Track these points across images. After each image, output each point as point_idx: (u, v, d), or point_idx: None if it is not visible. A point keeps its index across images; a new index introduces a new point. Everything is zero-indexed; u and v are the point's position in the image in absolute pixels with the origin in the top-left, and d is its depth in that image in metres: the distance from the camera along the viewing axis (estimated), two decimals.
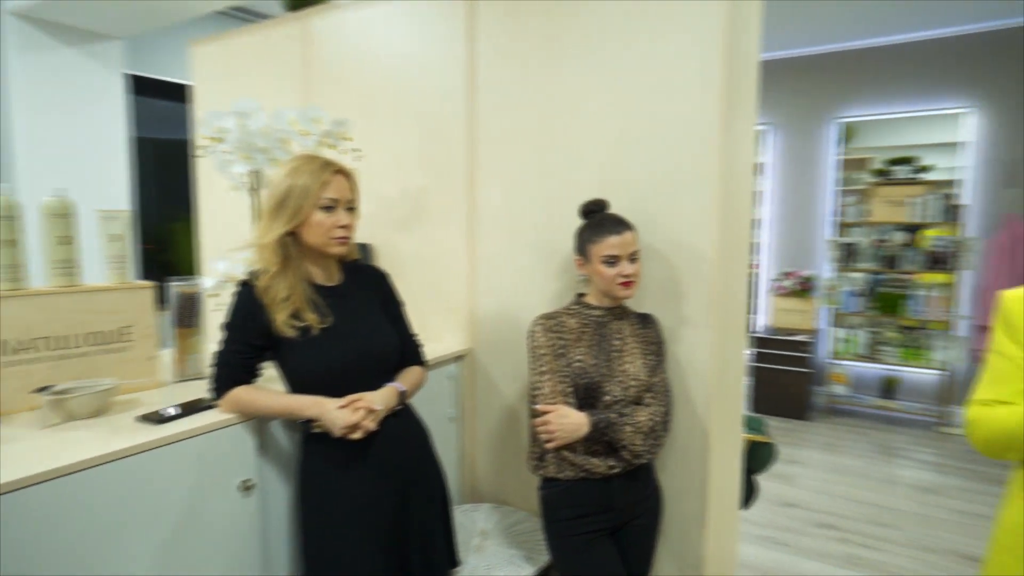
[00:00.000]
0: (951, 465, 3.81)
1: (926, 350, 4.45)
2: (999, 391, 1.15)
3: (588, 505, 1.49)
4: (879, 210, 4.50)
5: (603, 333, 1.54)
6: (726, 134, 1.58)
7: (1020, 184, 4.12)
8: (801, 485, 3.50)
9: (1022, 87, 4.10)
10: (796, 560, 2.72)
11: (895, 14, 3.94)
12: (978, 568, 2.66)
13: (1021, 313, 1.14)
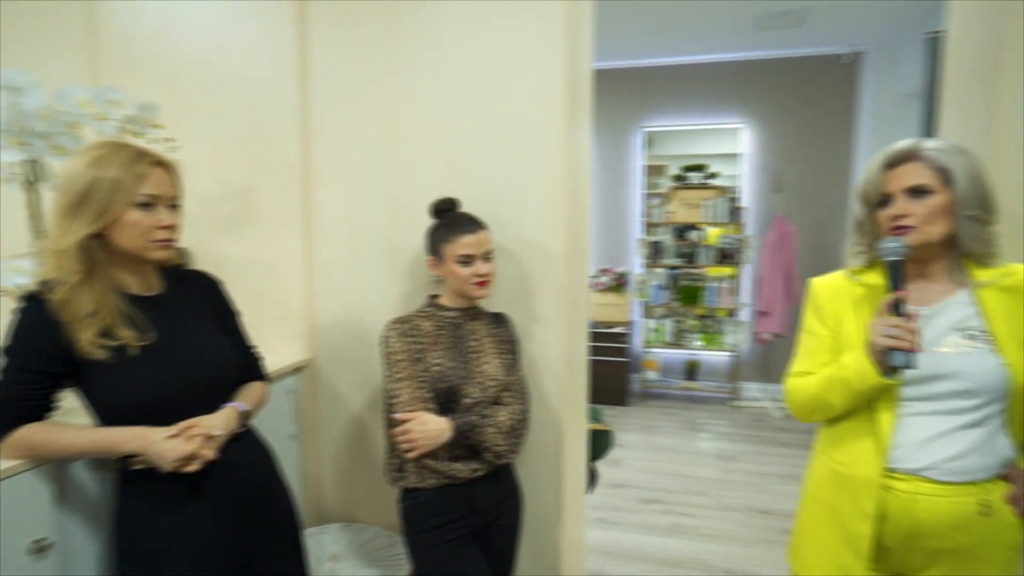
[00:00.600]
0: (742, 434, 4.39)
1: (719, 335, 5.08)
2: (809, 364, 1.33)
3: (452, 511, 1.46)
4: (679, 211, 5.05)
5: (459, 335, 1.52)
6: (569, 136, 1.65)
7: (784, 189, 4.88)
8: (627, 466, 3.79)
9: (782, 107, 4.86)
10: (628, 536, 2.93)
11: (687, 39, 4.44)
12: (770, 519, 3.09)
13: (827, 297, 1.34)
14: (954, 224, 1.17)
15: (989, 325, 1.16)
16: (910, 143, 1.21)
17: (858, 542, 1.22)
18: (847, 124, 4.77)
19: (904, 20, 4.06)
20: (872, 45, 4.57)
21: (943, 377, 1.16)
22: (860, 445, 1.23)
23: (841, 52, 4.67)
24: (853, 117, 4.75)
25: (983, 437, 1.16)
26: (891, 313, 1.15)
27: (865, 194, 1.27)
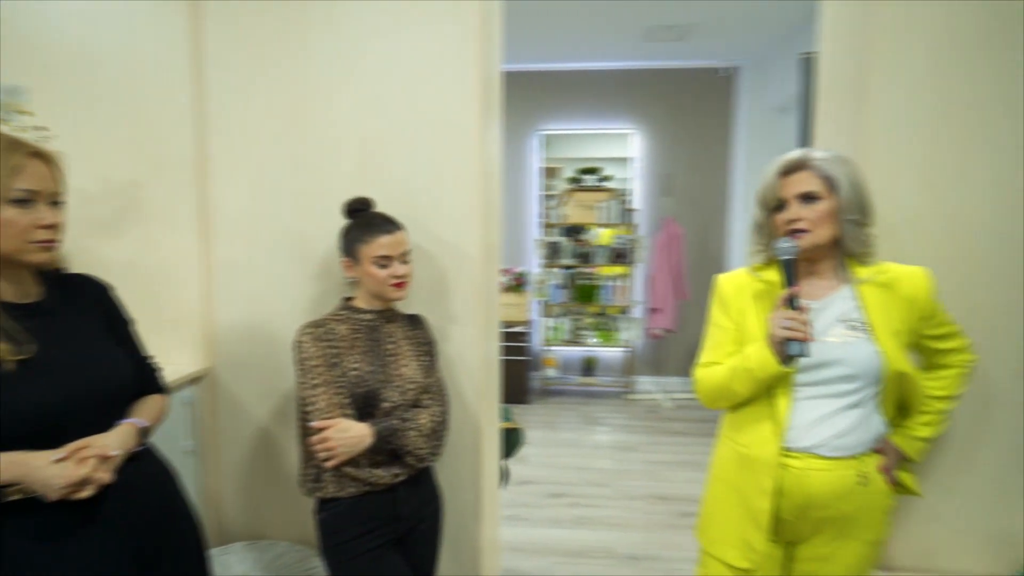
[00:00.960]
0: (637, 425, 4.61)
1: (614, 331, 5.30)
2: (716, 355, 1.43)
3: (374, 519, 1.43)
4: (575, 213, 5.21)
5: (376, 337, 1.49)
6: (483, 136, 1.66)
7: (672, 193, 5.18)
8: (531, 463, 3.86)
9: (669, 115, 5.16)
10: (537, 531, 2.99)
11: (581, 46, 4.60)
12: (668, 504, 3.27)
13: (731, 292, 1.44)
14: (839, 227, 1.30)
15: (867, 317, 1.30)
16: (801, 153, 1.33)
17: (759, 516, 1.32)
18: (726, 133, 5.14)
19: (774, 41, 4.45)
20: (746, 62, 4.97)
21: (830, 364, 1.29)
22: (760, 428, 1.34)
23: (720, 66, 5.03)
24: (731, 126, 5.13)
25: (861, 416, 1.30)
26: (787, 307, 1.26)
27: (763, 199, 1.37)
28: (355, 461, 1.38)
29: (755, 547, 1.33)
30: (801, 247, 1.30)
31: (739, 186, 5.09)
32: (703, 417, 4.75)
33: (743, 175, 5.06)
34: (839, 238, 1.31)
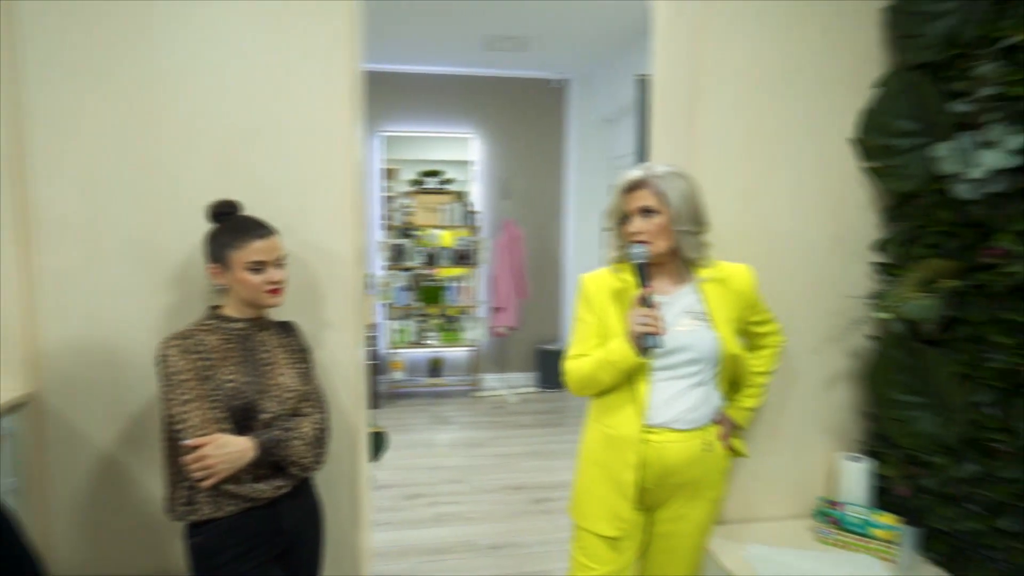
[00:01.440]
0: (485, 421, 4.77)
1: (460, 331, 5.42)
2: (583, 348, 1.57)
3: (256, 536, 1.37)
4: (419, 215, 5.24)
5: (249, 347, 1.42)
6: (353, 137, 1.65)
7: (512, 196, 5.42)
8: (386, 467, 3.83)
9: (507, 121, 5.39)
10: (399, 533, 3.00)
11: (423, 50, 4.64)
12: (523, 493, 3.45)
13: (594, 290, 1.59)
14: (674, 237, 1.49)
15: (707, 309, 1.53)
16: (641, 172, 1.50)
17: (625, 488, 1.49)
18: (559, 140, 5.50)
19: (600, 58, 4.85)
20: (577, 75, 5.35)
21: (679, 350, 1.49)
22: (624, 411, 1.51)
23: (553, 78, 5.36)
24: (563, 134, 5.50)
25: (705, 393, 1.53)
26: (642, 305, 1.43)
27: (612, 212, 1.55)
28: (236, 477, 1.31)
29: (623, 516, 1.50)
30: (649, 253, 1.48)
31: (572, 190, 5.48)
32: (546, 409, 5.05)
33: (574, 180, 5.45)
34: (675, 246, 1.50)
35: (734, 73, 1.82)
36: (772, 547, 1.79)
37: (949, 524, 1.70)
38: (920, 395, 1.78)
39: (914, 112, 1.76)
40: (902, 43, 1.80)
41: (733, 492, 1.94)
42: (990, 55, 1.53)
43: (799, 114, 1.86)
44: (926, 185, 1.71)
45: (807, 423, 1.98)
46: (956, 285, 1.63)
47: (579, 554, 1.58)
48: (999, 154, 1.45)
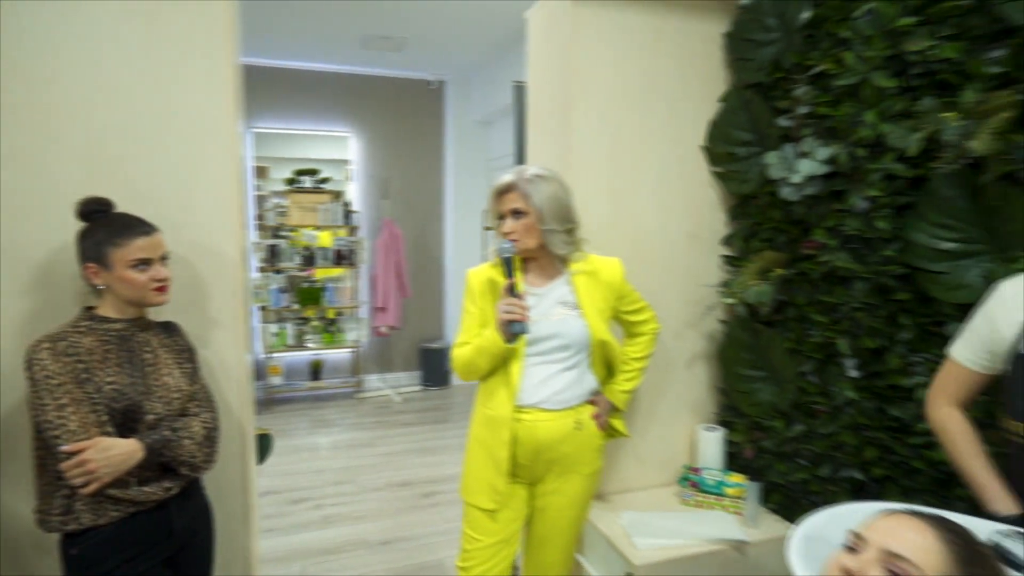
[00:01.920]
0: (370, 422, 4.74)
1: (341, 333, 5.33)
2: (466, 336, 1.68)
3: (143, 541, 1.33)
4: (295, 215, 5.09)
5: (130, 347, 1.38)
6: (235, 133, 1.64)
7: (391, 196, 5.42)
8: (268, 473, 3.71)
9: (385, 121, 5.38)
10: (288, 539, 2.94)
11: (298, 45, 4.52)
12: (411, 488, 3.50)
13: (476, 283, 1.70)
14: (542, 235, 1.63)
15: (578, 299, 1.68)
16: (511, 177, 1.62)
17: (501, 464, 1.62)
18: (438, 141, 5.57)
19: (476, 61, 4.99)
20: (452, 77, 5.46)
21: (551, 337, 1.64)
22: (499, 393, 1.64)
23: (430, 79, 5.42)
24: (442, 135, 5.58)
25: (576, 376, 1.68)
26: (508, 295, 1.55)
27: (490, 212, 1.67)
28: (122, 481, 1.28)
29: (499, 489, 1.63)
30: (517, 249, 1.61)
31: (451, 190, 5.57)
32: (431, 407, 5.11)
33: (454, 180, 5.55)
34: (544, 243, 1.64)
35: (602, 86, 2.01)
36: (643, 512, 2.00)
37: (783, 477, 1.99)
38: (760, 369, 2.07)
39: (749, 125, 2.04)
40: (739, 65, 2.08)
41: (612, 468, 2.14)
42: (804, 80, 1.83)
43: (659, 123, 2.09)
44: (760, 188, 2.00)
45: (674, 401, 2.22)
46: (785, 273, 1.92)
47: (466, 527, 1.70)
48: (813, 163, 1.74)
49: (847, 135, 1.70)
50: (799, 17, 1.83)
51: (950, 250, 1.52)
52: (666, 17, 2.05)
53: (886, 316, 1.67)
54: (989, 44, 1.44)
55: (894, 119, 1.59)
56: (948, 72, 1.50)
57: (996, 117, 1.34)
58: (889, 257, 1.64)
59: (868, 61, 1.63)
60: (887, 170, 1.61)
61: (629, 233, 2.08)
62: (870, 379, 1.72)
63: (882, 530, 0.84)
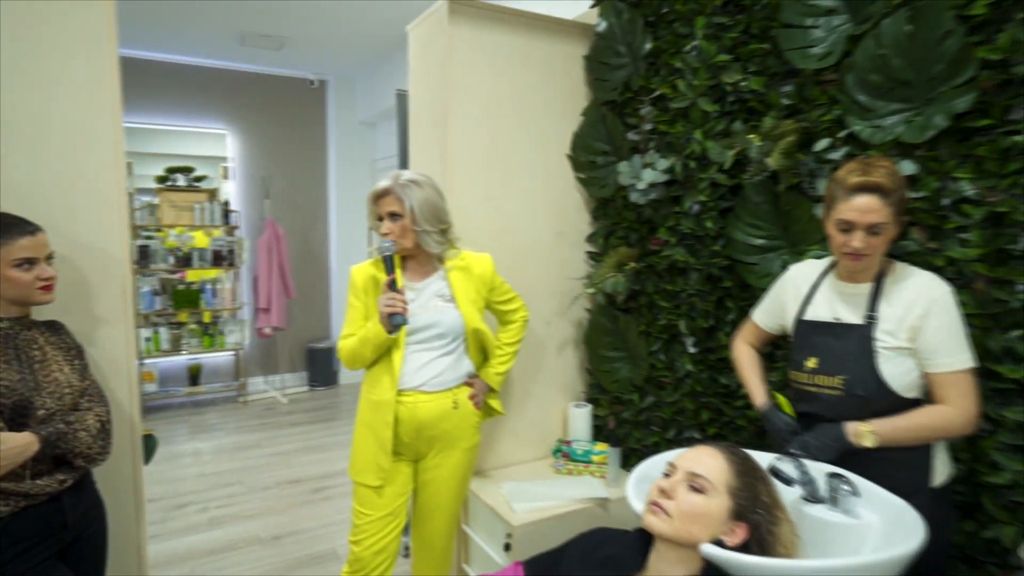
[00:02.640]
0: (255, 424, 4.68)
1: (221, 335, 5.17)
2: (351, 328, 1.83)
3: (36, 534, 1.36)
4: (168, 214, 4.88)
5: (16, 345, 1.40)
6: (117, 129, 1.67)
7: (273, 195, 5.33)
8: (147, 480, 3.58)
9: (266, 119, 5.29)
10: (172, 543, 2.90)
11: (171, 38, 4.35)
12: (301, 485, 3.53)
13: (359, 279, 1.84)
14: (416, 236, 1.80)
15: (453, 292, 1.87)
16: (388, 182, 1.78)
17: (384, 443, 1.78)
18: (321, 140, 5.55)
19: (357, 62, 5.05)
20: (334, 77, 5.46)
21: (429, 326, 1.81)
22: (383, 379, 1.80)
23: (311, 78, 5.40)
24: (325, 135, 5.57)
25: (453, 361, 1.86)
26: (389, 290, 1.72)
27: (370, 214, 1.83)
28: (15, 474, 1.30)
29: (384, 467, 1.79)
30: (396, 248, 1.77)
31: (335, 190, 5.57)
32: (319, 406, 5.11)
33: (338, 180, 5.56)
34: (419, 243, 1.81)
35: (477, 98, 2.21)
36: (521, 482, 2.23)
37: (639, 443, 2.31)
38: (619, 350, 2.37)
39: (606, 137, 2.33)
40: (596, 84, 2.37)
41: (491, 446, 2.35)
42: (648, 101, 2.14)
43: (529, 134, 2.33)
44: (616, 192, 2.30)
45: (546, 382, 2.48)
46: (636, 266, 2.23)
47: (356, 504, 1.84)
48: (654, 172, 2.05)
49: (681, 149, 2.03)
50: (643, 47, 2.14)
51: (760, 245, 1.87)
52: (534, 39, 2.29)
53: (715, 300, 2.01)
54: (783, 80, 1.80)
55: (715, 137, 1.92)
56: (754, 101, 1.85)
57: (785, 140, 1.69)
58: (716, 252, 1.97)
59: (696, 88, 1.95)
60: (712, 179, 1.94)
61: (503, 232, 2.31)
62: (704, 354, 2.06)
63: (687, 458, 1.10)
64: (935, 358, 1.30)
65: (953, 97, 1.42)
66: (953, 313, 1.31)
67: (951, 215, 1.46)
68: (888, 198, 1.29)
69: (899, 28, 1.49)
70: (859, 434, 1.30)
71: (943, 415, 1.29)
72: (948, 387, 1.29)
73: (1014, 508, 1.38)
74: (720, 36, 1.91)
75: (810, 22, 1.70)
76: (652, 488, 1.11)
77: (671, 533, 1.03)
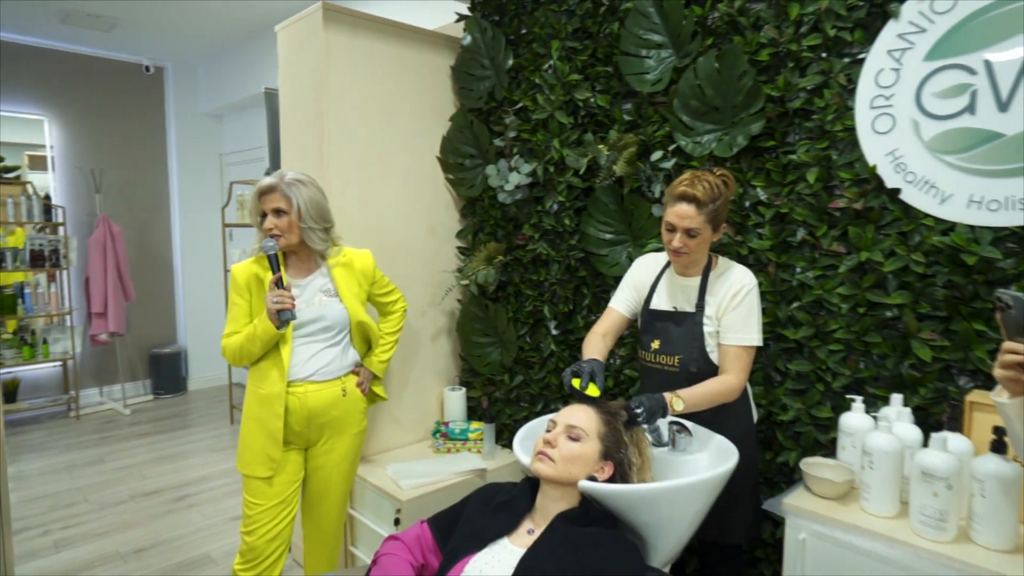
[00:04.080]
0: (96, 439, 4.31)
1: (44, 344, 4.66)
2: (236, 326, 1.88)
3: None
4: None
5: None
6: None
7: (105, 190, 4.89)
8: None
9: (95, 106, 4.83)
10: (17, 571, 2.66)
11: None
12: (160, 496, 3.37)
13: (242, 278, 1.88)
14: (301, 232, 1.89)
15: (337, 287, 1.98)
16: (273, 180, 1.86)
17: (275, 434, 1.87)
18: (160, 131, 5.19)
19: (200, 49, 4.80)
20: (173, 64, 5.13)
21: (316, 320, 1.92)
22: (271, 373, 1.88)
23: (146, 63, 5.02)
24: (164, 125, 5.20)
25: (339, 351, 1.98)
26: (276, 288, 1.81)
27: (253, 212, 1.89)
28: None
29: (273, 457, 1.87)
30: (280, 245, 1.86)
31: (177, 185, 5.24)
32: (168, 415, 4.82)
33: (182, 175, 5.23)
34: (303, 239, 1.91)
35: (353, 103, 2.32)
36: (405, 462, 2.39)
37: (511, 418, 2.57)
38: (490, 336, 2.61)
39: (473, 142, 2.56)
40: (463, 93, 2.58)
41: (374, 432, 2.48)
42: (511, 111, 2.39)
43: (402, 137, 2.48)
44: (483, 192, 2.53)
45: (423, 369, 2.65)
46: (504, 259, 2.48)
47: (247, 496, 1.90)
48: (519, 175, 2.31)
49: (542, 155, 2.30)
50: (506, 62, 2.39)
51: (609, 239, 2.20)
52: (406, 48, 2.44)
53: (573, 288, 2.32)
54: (624, 99, 2.13)
55: (571, 146, 2.22)
56: (602, 116, 2.17)
57: (627, 150, 2.02)
58: (573, 245, 2.28)
59: (552, 103, 2.24)
60: (569, 182, 2.24)
61: (379, 230, 2.44)
62: (565, 335, 2.36)
63: (564, 414, 1.36)
64: (726, 333, 1.64)
65: (750, 122, 1.82)
66: (751, 301, 1.63)
67: (751, 214, 1.87)
68: (702, 208, 1.58)
69: (710, 65, 1.86)
70: (672, 401, 1.53)
71: (726, 383, 1.60)
72: (731, 358, 1.62)
73: (796, 437, 1.82)
74: (572, 58, 2.21)
75: (644, 52, 2.04)
76: (537, 441, 1.34)
77: (556, 475, 1.28)
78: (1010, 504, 1.23)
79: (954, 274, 1.54)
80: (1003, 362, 1.03)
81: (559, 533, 1.22)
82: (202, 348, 5.43)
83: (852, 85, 1.68)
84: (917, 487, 1.32)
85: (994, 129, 1.50)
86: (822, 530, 1.43)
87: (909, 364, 1.62)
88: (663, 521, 1.32)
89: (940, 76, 1.57)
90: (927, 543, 1.29)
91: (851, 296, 1.69)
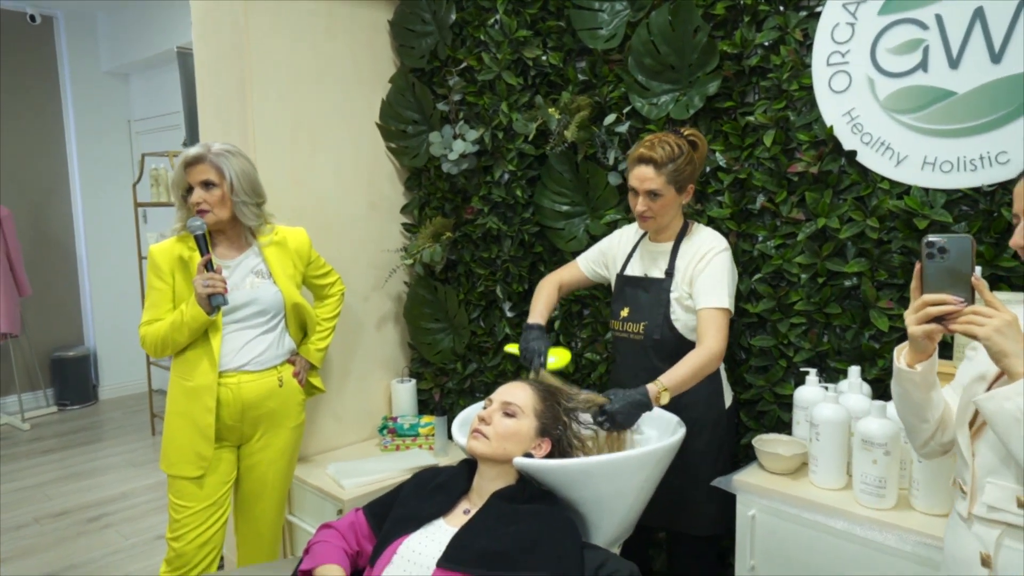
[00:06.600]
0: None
1: None
2: (157, 313, 2.06)
3: None
4: None
5: None
6: None
7: None
8: None
9: None
10: None
11: None
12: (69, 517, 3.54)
13: (162, 259, 2.05)
14: (233, 207, 2.06)
15: (269, 268, 2.17)
16: (200, 150, 2.03)
17: (205, 430, 2.05)
18: (53, 94, 5.26)
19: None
20: (66, 13, 5.20)
21: (247, 304, 2.10)
22: (201, 363, 2.06)
23: (30, 12, 5.07)
24: (58, 87, 5.28)
25: (275, 338, 2.18)
26: (206, 270, 1.98)
27: (175, 186, 2.07)
28: None
29: (204, 455, 2.05)
30: (208, 224, 2.02)
31: (77, 159, 5.34)
32: (75, 428, 4.96)
33: (82, 146, 5.33)
34: (235, 215, 2.08)
35: (280, 67, 2.51)
36: (347, 461, 2.61)
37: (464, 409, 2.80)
38: (440, 321, 2.84)
39: (416, 106, 2.77)
40: (403, 51, 2.78)
41: (313, 430, 2.69)
42: (456, 72, 2.60)
43: (336, 103, 2.68)
44: (428, 163, 2.74)
45: (366, 360, 2.87)
46: (453, 236, 2.70)
47: (173, 498, 2.08)
48: (464, 143, 2.53)
49: (490, 121, 2.52)
50: (448, 17, 2.59)
51: (565, 211, 2.43)
52: (337, 3, 2.63)
53: (528, 265, 2.55)
54: (578, 57, 2.35)
55: (520, 110, 2.44)
56: (555, 75, 2.39)
57: (580, 114, 2.24)
58: (526, 219, 2.50)
59: (500, 62, 2.45)
60: (519, 150, 2.46)
61: (313, 207, 2.64)
62: (520, 316, 2.59)
63: (502, 391, 1.59)
64: (698, 297, 1.87)
65: (706, 82, 2.05)
66: (720, 263, 1.85)
67: (711, 181, 2.11)
68: (660, 169, 1.81)
69: (664, 19, 2.09)
70: (658, 396, 1.71)
71: (705, 351, 1.80)
72: (706, 321, 1.86)
73: (759, 416, 2.07)
74: (521, 12, 2.42)
75: (597, 5, 2.26)
76: (473, 419, 1.57)
77: (490, 452, 1.51)
78: (945, 470, 1.49)
79: (909, 239, 1.79)
80: (925, 315, 1.11)
81: (494, 510, 1.45)
82: (115, 350, 5.56)
83: (809, 40, 1.91)
84: (858, 455, 1.57)
85: (946, 87, 1.74)
86: (770, 504, 1.68)
87: (869, 335, 1.87)
88: (603, 497, 1.56)
89: (894, 31, 1.81)
90: (866, 511, 1.55)
91: (810, 265, 1.93)
